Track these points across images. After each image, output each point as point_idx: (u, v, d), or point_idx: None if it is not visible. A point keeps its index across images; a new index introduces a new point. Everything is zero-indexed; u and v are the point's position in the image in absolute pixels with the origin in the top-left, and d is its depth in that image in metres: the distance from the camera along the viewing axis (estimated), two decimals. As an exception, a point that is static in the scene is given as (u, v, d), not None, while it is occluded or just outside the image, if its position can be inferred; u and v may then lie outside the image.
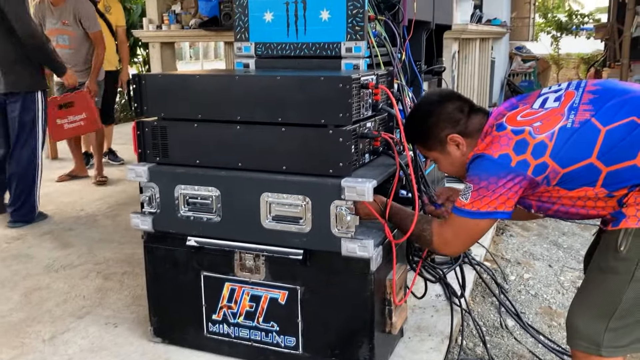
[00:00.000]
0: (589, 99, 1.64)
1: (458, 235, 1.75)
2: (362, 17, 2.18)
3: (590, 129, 1.59)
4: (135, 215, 2.17)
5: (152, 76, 2.11)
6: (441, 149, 1.84)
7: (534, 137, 1.61)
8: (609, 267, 1.63)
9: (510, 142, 1.63)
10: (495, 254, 3.48)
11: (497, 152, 1.63)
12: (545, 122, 1.63)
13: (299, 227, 1.93)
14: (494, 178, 1.62)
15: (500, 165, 1.62)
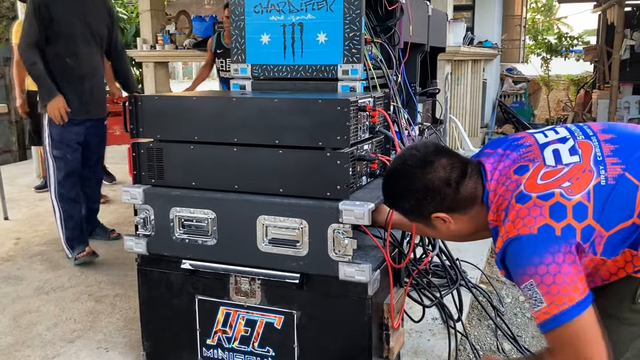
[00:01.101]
0: (610, 150, 1.42)
1: (580, 349, 1.30)
2: (358, 39, 2.19)
3: (627, 185, 1.37)
4: (129, 237, 2.14)
5: (148, 97, 2.10)
6: (425, 223, 1.56)
7: (569, 199, 1.35)
8: (624, 317, 1.46)
9: (544, 209, 1.34)
10: (490, 276, 3.47)
11: (534, 227, 1.33)
12: (575, 181, 1.37)
13: (295, 250, 1.91)
14: (548, 257, 1.31)
15: (546, 240, 1.32)
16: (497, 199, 1.44)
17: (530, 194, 1.37)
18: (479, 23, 10.16)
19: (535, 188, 1.38)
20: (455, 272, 2.71)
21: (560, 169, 1.40)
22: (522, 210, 1.36)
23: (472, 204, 1.50)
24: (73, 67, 3.36)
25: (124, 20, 9.15)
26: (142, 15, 7.15)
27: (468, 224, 1.53)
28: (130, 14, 9.37)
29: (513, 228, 1.36)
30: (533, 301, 1.33)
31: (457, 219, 1.52)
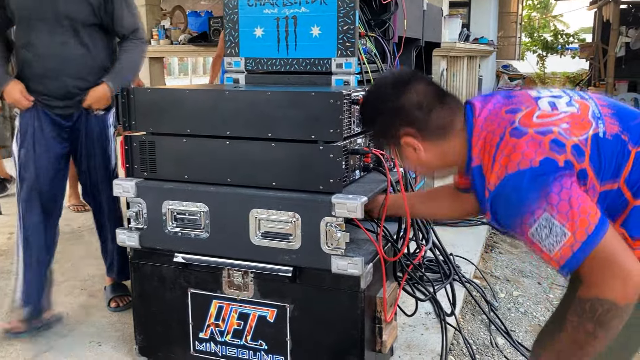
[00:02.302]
0: (608, 112, 1.35)
1: (617, 263, 1.20)
2: (352, 33, 2.18)
3: (622, 146, 1.30)
4: (122, 231, 2.14)
5: (140, 90, 2.09)
6: (397, 146, 1.49)
7: (567, 138, 1.26)
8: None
9: (543, 143, 1.25)
10: (484, 271, 3.47)
11: (536, 159, 1.24)
12: (573, 125, 1.30)
13: (288, 243, 1.91)
14: (556, 185, 1.22)
15: (549, 171, 1.23)
16: (485, 135, 1.35)
17: (526, 129, 1.28)
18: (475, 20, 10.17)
19: (532, 124, 1.29)
20: (449, 267, 2.72)
21: (556, 113, 1.32)
22: (518, 144, 1.26)
23: (445, 134, 1.43)
24: (30, 62, 2.46)
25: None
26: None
27: (440, 156, 1.46)
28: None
29: (510, 162, 1.26)
30: (553, 239, 1.21)
31: (428, 149, 1.44)
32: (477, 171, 1.34)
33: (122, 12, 2.52)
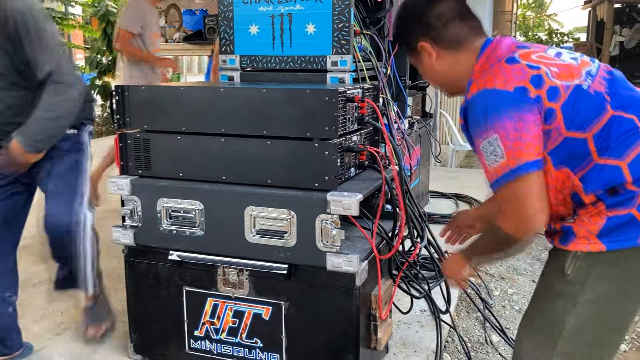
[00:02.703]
0: (604, 77, 1.48)
1: (523, 204, 1.39)
2: (347, 31, 2.18)
3: (599, 103, 1.42)
4: (116, 229, 2.13)
5: (135, 88, 2.08)
6: (414, 55, 1.65)
7: (551, 79, 1.41)
8: (555, 290, 1.51)
9: (526, 75, 1.40)
10: (479, 269, 3.48)
11: (512, 85, 1.39)
12: (562, 71, 1.44)
13: (283, 241, 1.91)
14: (517, 113, 1.37)
15: (518, 99, 1.38)
16: (489, 57, 1.51)
17: (520, 60, 1.44)
18: (470, 19, 10.17)
19: (527, 59, 1.45)
20: (444, 265, 2.72)
21: (555, 59, 1.48)
22: (507, 69, 1.43)
23: (459, 47, 1.57)
24: None
25: (114, 13, 9.09)
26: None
27: (450, 65, 1.59)
28: (120, 7, 9.31)
29: (492, 81, 1.42)
30: (493, 157, 1.40)
31: (441, 57, 1.59)
32: (469, 84, 1.51)
33: (34, 53, 2.03)
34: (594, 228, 1.42)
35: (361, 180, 2.04)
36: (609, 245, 1.41)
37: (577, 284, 1.45)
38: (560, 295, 1.49)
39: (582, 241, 1.44)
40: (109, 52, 9.20)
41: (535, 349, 1.52)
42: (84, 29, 10.06)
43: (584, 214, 1.45)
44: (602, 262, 1.43)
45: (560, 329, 1.47)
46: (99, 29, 9.26)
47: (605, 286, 1.44)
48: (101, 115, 10.35)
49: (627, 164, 1.40)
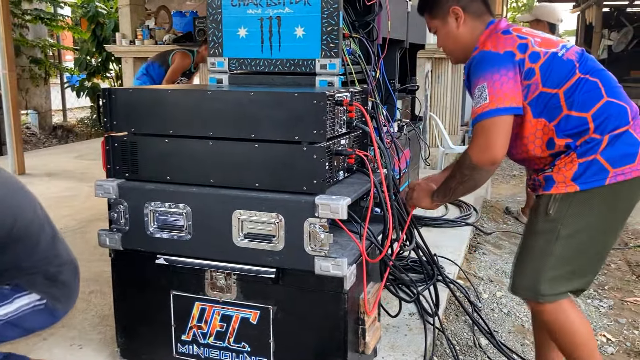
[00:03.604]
0: (576, 51, 1.92)
1: (491, 137, 1.82)
2: (336, 34, 2.18)
3: (570, 67, 1.86)
4: (103, 232, 2.11)
5: (122, 90, 2.06)
6: (442, 18, 2.04)
7: (534, 46, 1.87)
8: (539, 228, 1.92)
9: (514, 43, 1.87)
10: (468, 272, 3.48)
11: (503, 49, 1.85)
12: (544, 42, 1.90)
13: (271, 245, 1.90)
14: (503, 70, 1.81)
15: (505, 59, 1.83)
16: (492, 30, 1.96)
17: (512, 32, 1.92)
18: (459, 22, 10.22)
19: (519, 32, 1.93)
20: (432, 268, 2.72)
21: (539, 34, 1.96)
22: (501, 37, 1.90)
23: (477, 18, 2.01)
24: None
25: (103, 15, 9.04)
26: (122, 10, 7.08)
27: (470, 32, 2.01)
28: (109, 9, 9.27)
29: (489, 45, 1.89)
30: (479, 99, 1.82)
31: (466, 24, 2.00)
32: (475, 50, 1.95)
33: None
34: (569, 173, 1.83)
35: (350, 183, 2.04)
36: (581, 186, 1.82)
37: (557, 221, 1.87)
38: (544, 231, 1.90)
39: (560, 185, 1.85)
40: (98, 53, 9.15)
41: (529, 277, 1.93)
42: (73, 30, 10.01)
43: (560, 163, 1.86)
44: (577, 200, 1.84)
45: (547, 258, 1.89)
46: (88, 30, 9.20)
47: (580, 219, 1.86)
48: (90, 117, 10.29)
49: (590, 115, 1.82)
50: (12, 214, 1.78)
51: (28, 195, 1.90)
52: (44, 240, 1.89)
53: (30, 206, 1.88)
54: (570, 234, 1.87)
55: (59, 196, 4.96)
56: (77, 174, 5.83)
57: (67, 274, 1.96)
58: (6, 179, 1.84)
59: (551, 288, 1.90)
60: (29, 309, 1.85)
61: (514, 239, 4.27)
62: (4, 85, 5.80)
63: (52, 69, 9.76)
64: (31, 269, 1.85)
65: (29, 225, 1.83)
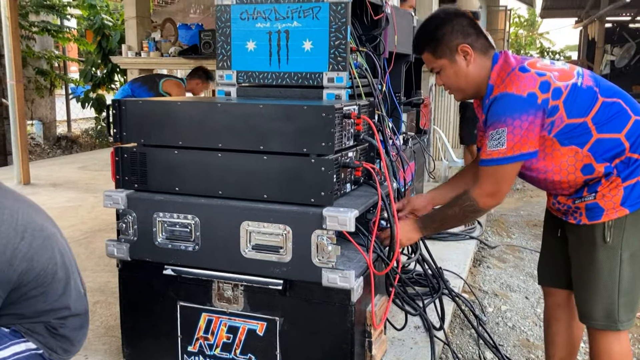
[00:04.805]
0: (588, 75, 1.90)
1: (501, 184, 1.86)
2: (344, 48, 2.20)
3: (592, 94, 1.85)
4: (111, 242, 2.12)
5: (132, 102, 2.09)
6: (450, 56, 1.95)
7: (555, 82, 1.83)
8: (600, 257, 1.87)
9: (536, 82, 1.81)
10: (473, 286, 3.48)
11: (525, 91, 1.79)
12: (561, 74, 1.86)
13: (279, 256, 1.91)
14: (524, 115, 1.77)
15: (529, 103, 1.78)
16: (503, 65, 1.91)
17: (530, 69, 1.85)
18: (463, 36, 10.27)
19: (535, 67, 1.86)
20: (438, 281, 2.72)
21: (553, 65, 1.91)
22: (521, 77, 1.83)
23: (484, 54, 1.95)
24: None
25: (109, 27, 9.12)
26: (128, 23, 7.14)
27: (478, 70, 1.94)
28: (115, 21, 9.34)
29: (510, 86, 1.82)
30: (495, 142, 1.81)
31: (475, 62, 1.94)
32: (490, 87, 1.92)
33: None
34: (617, 199, 1.84)
35: (357, 196, 2.05)
36: (631, 209, 1.83)
37: (616, 247, 1.85)
38: (607, 259, 1.87)
39: (610, 212, 1.84)
40: (103, 65, 9.21)
41: (603, 307, 1.89)
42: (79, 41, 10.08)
43: (603, 189, 1.85)
44: (629, 223, 1.85)
45: (616, 285, 1.87)
46: (94, 42, 9.27)
47: (636, 240, 1.86)
48: (95, 128, 10.33)
49: (623, 135, 1.83)
50: (28, 260, 1.67)
51: (49, 239, 1.76)
52: (52, 291, 1.78)
53: (48, 252, 1.75)
54: (632, 256, 1.87)
55: (63, 206, 4.98)
56: (82, 185, 5.85)
57: (71, 326, 1.84)
58: (28, 224, 1.69)
59: (626, 314, 1.89)
60: (23, 357, 1.76)
61: (518, 253, 4.27)
62: (11, 95, 5.85)
63: (57, 80, 9.82)
64: (33, 318, 1.77)
65: (40, 273, 1.71)
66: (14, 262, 1.65)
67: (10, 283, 1.66)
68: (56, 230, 1.86)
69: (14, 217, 1.69)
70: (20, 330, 1.77)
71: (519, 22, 22.88)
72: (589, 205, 1.88)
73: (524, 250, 4.30)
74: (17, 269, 1.66)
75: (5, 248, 1.63)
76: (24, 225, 1.70)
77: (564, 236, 2.04)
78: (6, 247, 1.64)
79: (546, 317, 2.24)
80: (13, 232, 1.66)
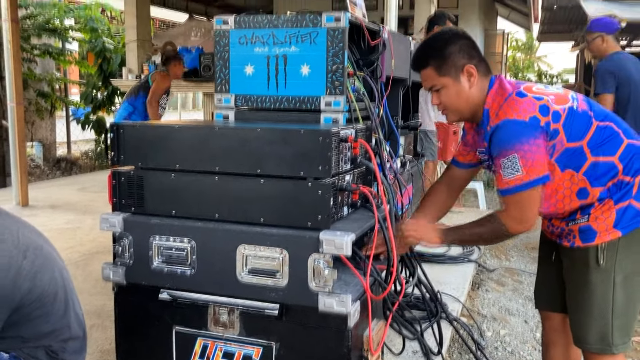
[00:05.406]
0: (582, 99, 1.94)
1: (527, 210, 1.86)
2: (341, 72, 2.22)
3: (587, 118, 1.88)
4: (107, 265, 2.11)
5: (130, 126, 2.10)
6: (454, 76, 1.95)
7: (553, 105, 1.85)
8: (593, 280, 1.89)
9: (535, 106, 1.83)
10: (471, 309, 3.46)
11: (527, 116, 1.81)
12: (558, 98, 1.88)
13: (275, 280, 1.90)
14: (532, 139, 1.79)
15: (533, 127, 1.80)
16: (498, 90, 1.93)
17: (527, 93, 1.87)
18: (461, 60, 10.36)
19: (531, 92, 1.88)
20: (436, 305, 2.71)
21: (548, 90, 1.94)
22: (519, 102, 1.84)
23: (485, 77, 1.97)
24: None
25: (110, 50, 9.20)
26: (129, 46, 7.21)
27: (480, 90, 1.95)
28: (117, 44, 9.43)
29: (511, 112, 1.83)
30: (510, 170, 1.80)
31: (477, 84, 1.95)
32: (486, 113, 1.93)
33: None
34: (610, 221, 1.86)
35: (354, 219, 2.05)
36: (623, 231, 1.85)
37: (609, 270, 1.86)
38: (600, 282, 1.88)
39: (603, 234, 1.86)
40: (104, 87, 9.27)
41: (598, 330, 1.90)
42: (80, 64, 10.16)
43: (596, 212, 1.87)
44: (622, 245, 1.86)
45: (610, 308, 1.88)
46: (95, 64, 9.35)
47: (629, 263, 1.87)
48: (94, 150, 10.36)
49: (617, 158, 1.86)
50: (31, 279, 1.65)
51: (49, 259, 1.76)
52: (54, 312, 1.75)
53: (49, 271, 1.74)
54: (625, 279, 1.88)
55: (62, 228, 4.97)
56: (81, 206, 5.85)
57: (71, 350, 1.82)
58: (29, 243, 1.70)
59: (621, 337, 1.90)
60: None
61: (516, 276, 4.25)
62: (12, 117, 5.88)
63: (58, 102, 9.88)
64: (35, 341, 1.74)
65: (42, 293, 1.69)
66: (17, 281, 1.64)
67: (13, 303, 1.66)
68: (54, 252, 1.87)
69: (14, 236, 1.69)
70: (20, 355, 1.75)
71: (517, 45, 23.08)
72: (582, 227, 1.90)
73: (522, 274, 4.28)
74: (20, 288, 1.65)
75: (10, 266, 1.63)
76: (25, 245, 1.70)
77: (559, 259, 2.04)
78: (10, 266, 1.63)
79: (544, 341, 2.23)
80: (15, 250, 1.66)
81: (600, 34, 4.25)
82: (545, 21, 12.12)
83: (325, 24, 2.19)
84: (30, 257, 1.69)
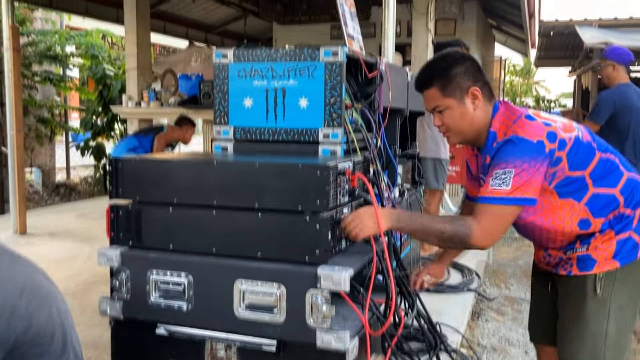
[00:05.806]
0: (585, 130, 1.94)
1: (497, 225, 1.82)
2: (339, 105, 2.24)
3: (591, 149, 1.88)
4: (104, 300, 2.10)
5: (128, 160, 2.10)
6: (459, 97, 1.94)
7: (560, 133, 1.84)
8: (588, 309, 1.89)
9: (544, 131, 1.82)
10: (471, 340, 3.43)
11: (535, 138, 1.81)
12: (565, 127, 1.89)
13: (272, 316, 1.88)
14: (533, 161, 1.78)
15: (538, 150, 1.79)
16: (505, 113, 1.93)
17: (536, 118, 1.87)
18: (459, 85, 10.44)
19: (540, 117, 1.89)
20: (435, 337, 2.68)
21: (555, 117, 1.93)
22: (529, 124, 1.84)
23: (489, 101, 1.96)
24: None
25: (111, 77, 9.27)
26: (129, 73, 7.26)
27: (485, 113, 1.95)
28: (117, 70, 9.50)
29: (520, 132, 1.83)
30: (499, 182, 1.79)
31: (481, 106, 1.94)
32: (492, 134, 1.93)
33: None
34: (609, 251, 1.86)
35: (352, 253, 2.04)
36: (621, 262, 1.86)
37: (605, 299, 1.86)
38: (595, 312, 1.88)
39: (602, 264, 1.86)
40: (104, 113, 9.32)
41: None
42: (81, 90, 10.23)
43: (596, 242, 1.88)
44: (619, 277, 1.86)
45: (603, 339, 1.87)
46: (95, 90, 9.41)
47: (625, 294, 1.88)
48: (94, 175, 10.37)
49: (618, 191, 1.87)
50: (27, 319, 1.64)
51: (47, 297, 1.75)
52: (52, 352, 1.72)
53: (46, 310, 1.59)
54: (619, 310, 1.88)
55: (60, 257, 4.95)
56: (79, 234, 5.83)
57: None
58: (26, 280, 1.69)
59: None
60: None
61: (516, 305, 4.22)
62: (11, 145, 5.90)
63: (58, 128, 9.92)
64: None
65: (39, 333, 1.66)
66: (12, 321, 1.61)
67: (7, 344, 1.62)
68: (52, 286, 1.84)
69: (10, 273, 1.67)
70: None
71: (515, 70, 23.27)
72: (580, 256, 1.90)
73: (522, 302, 4.25)
74: (15, 329, 1.62)
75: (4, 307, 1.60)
76: (22, 282, 1.67)
77: (554, 290, 2.03)
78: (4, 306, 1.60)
79: None
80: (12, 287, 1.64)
81: (613, 62, 4.41)
82: (543, 47, 12.25)
83: (323, 58, 2.22)
84: (26, 297, 1.67)
